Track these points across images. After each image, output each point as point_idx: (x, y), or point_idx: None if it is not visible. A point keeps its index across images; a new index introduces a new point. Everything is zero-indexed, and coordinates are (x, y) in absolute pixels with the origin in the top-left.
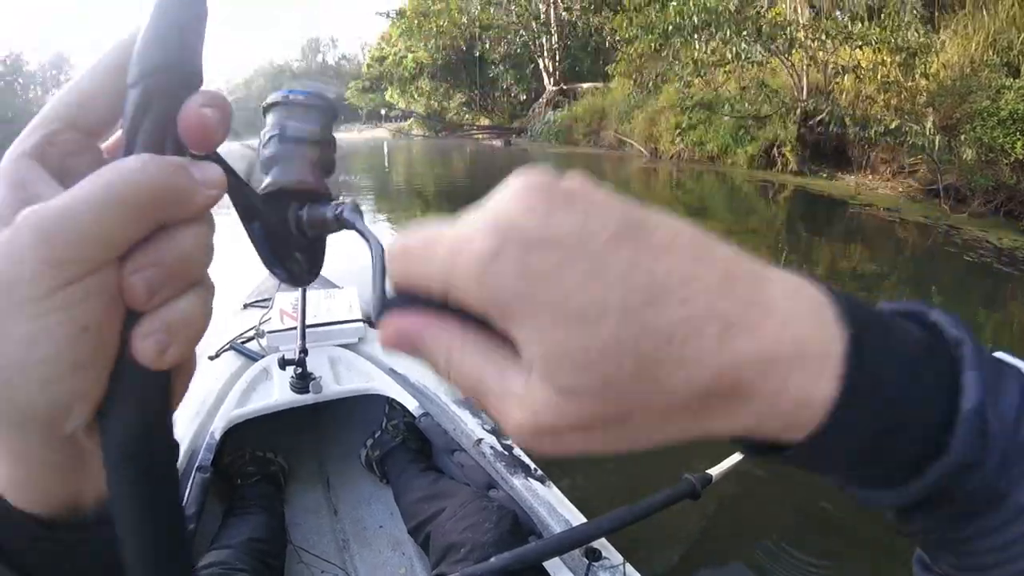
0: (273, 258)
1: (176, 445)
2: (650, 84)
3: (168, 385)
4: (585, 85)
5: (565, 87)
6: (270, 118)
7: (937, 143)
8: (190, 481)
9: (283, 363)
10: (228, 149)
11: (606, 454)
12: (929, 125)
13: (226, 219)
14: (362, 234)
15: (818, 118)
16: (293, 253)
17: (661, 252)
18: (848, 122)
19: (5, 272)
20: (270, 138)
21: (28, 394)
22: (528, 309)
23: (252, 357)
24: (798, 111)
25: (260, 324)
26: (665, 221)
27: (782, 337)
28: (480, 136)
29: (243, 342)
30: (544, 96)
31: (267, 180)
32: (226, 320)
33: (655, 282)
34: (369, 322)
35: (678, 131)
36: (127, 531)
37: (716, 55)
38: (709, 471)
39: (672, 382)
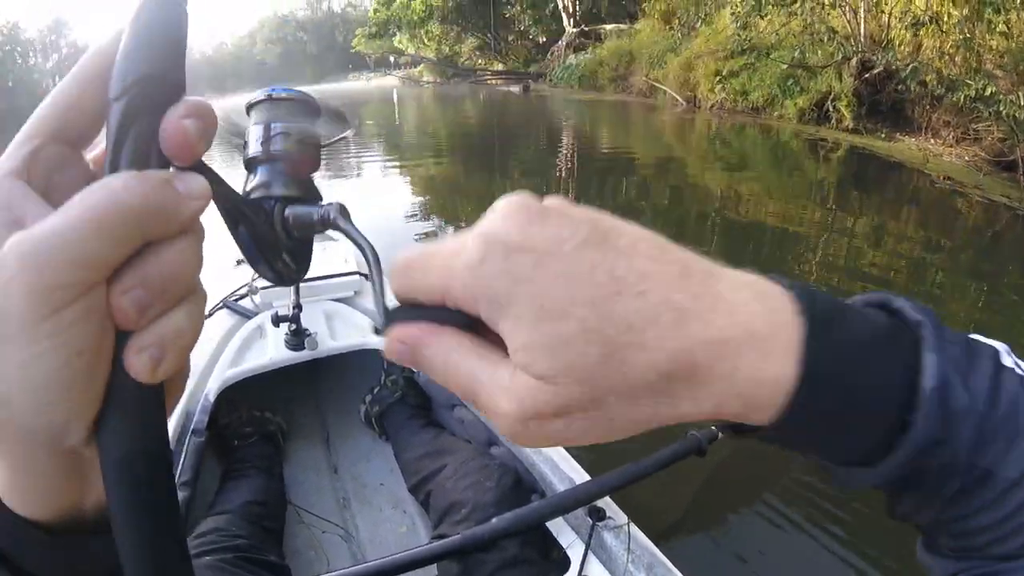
0: (260, 260)
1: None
2: (688, 24)
3: (162, 397)
4: (608, 27)
5: (586, 28)
6: (254, 116)
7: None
8: (185, 446)
9: (277, 320)
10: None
11: (592, 443)
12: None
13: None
14: (350, 236)
15: (877, 71)
16: (280, 254)
17: (622, 254)
18: (933, 82)
19: None
20: (254, 138)
21: (25, 415)
22: (510, 305)
23: (245, 315)
24: (853, 61)
25: (253, 280)
26: (629, 229)
27: (731, 322)
28: (495, 82)
29: (236, 299)
30: (564, 39)
31: (252, 182)
32: (219, 277)
33: (616, 278)
34: (366, 276)
35: (718, 79)
36: (125, 540)
37: None
38: (715, 426)
39: (636, 365)
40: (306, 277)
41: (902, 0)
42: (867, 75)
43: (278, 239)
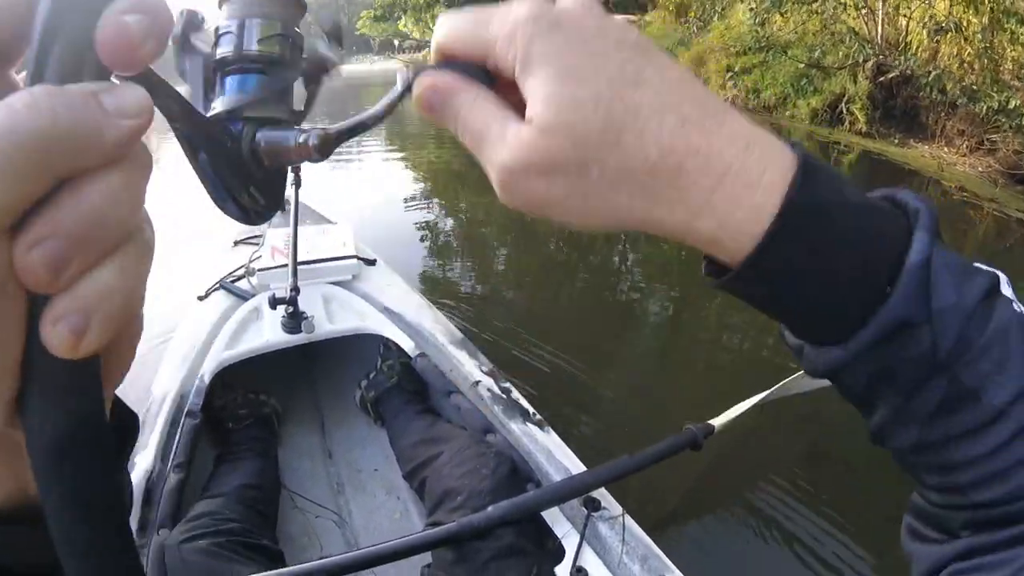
0: (223, 192)
1: (129, 425)
2: (705, 17)
3: (96, 368)
4: (618, 17)
5: None
6: (226, 8)
7: None
8: (180, 428)
9: (274, 302)
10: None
11: (567, 220)
12: None
13: None
14: (342, 142)
15: (892, 75)
16: (247, 187)
17: (656, 65)
18: (955, 91)
19: None
20: (225, 35)
21: None
22: (543, 63)
23: (242, 296)
24: (869, 64)
25: (250, 262)
26: (670, 59)
27: (728, 145)
28: None
29: (233, 281)
30: None
31: (217, 96)
32: (215, 258)
33: (641, 76)
34: (365, 260)
35: (729, 75)
36: (58, 534)
37: None
38: (711, 421)
39: (628, 147)
40: (304, 259)
41: (922, 5)
42: (882, 78)
43: (247, 168)
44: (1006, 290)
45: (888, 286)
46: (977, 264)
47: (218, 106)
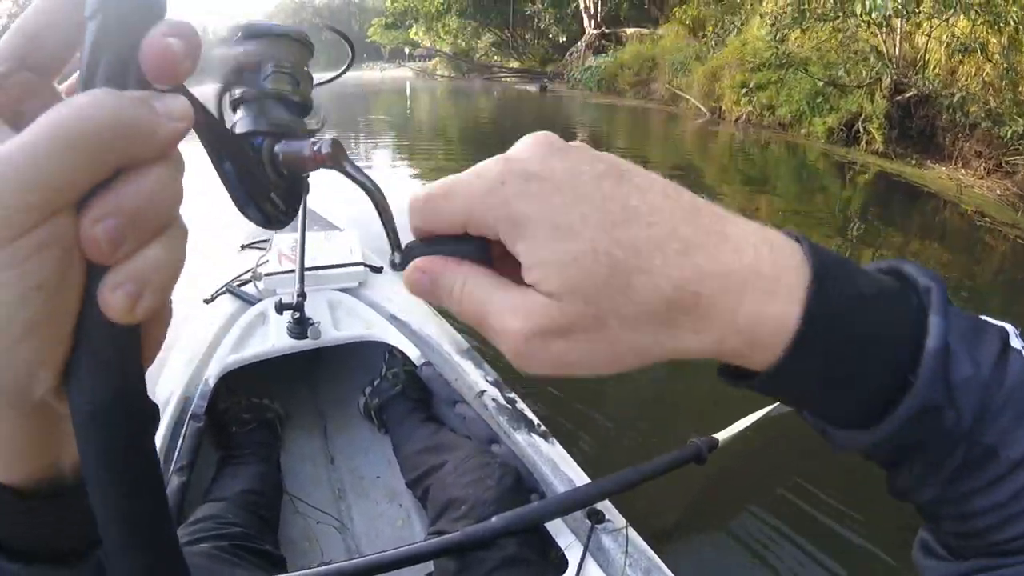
0: (247, 199)
1: (154, 406)
2: (723, 33)
3: (139, 341)
4: (630, 30)
5: (607, 31)
6: (247, 49)
7: None
8: (183, 430)
9: (280, 307)
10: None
11: (591, 373)
12: None
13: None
14: (347, 173)
15: (910, 94)
16: (269, 194)
17: (636, 189)
18: (980, 113)
19: None
20: (246, 73)
21: None
22: (527, 224)
23: (248, 301)
24: (886, 82)
25: (257, 266)
26: (646, 172)
27: (736, 259)
28: (510, 79)
29: (239, 285)
30: (584, 39)
31: (239, 117)
32: (223, 262)
33: (628, 208)
34: (372, 267)
35: (744, 90)
36: (99, 499)
37: (825, 5)
38: (716, 435)
39: (640, 289)
40: (311, 265)
41: (943, 24)
42: (899, 98)
43: (267, 177)
44: (1015, 343)
45: (908, 373)
46: (984, 319)
47: (239, 123)
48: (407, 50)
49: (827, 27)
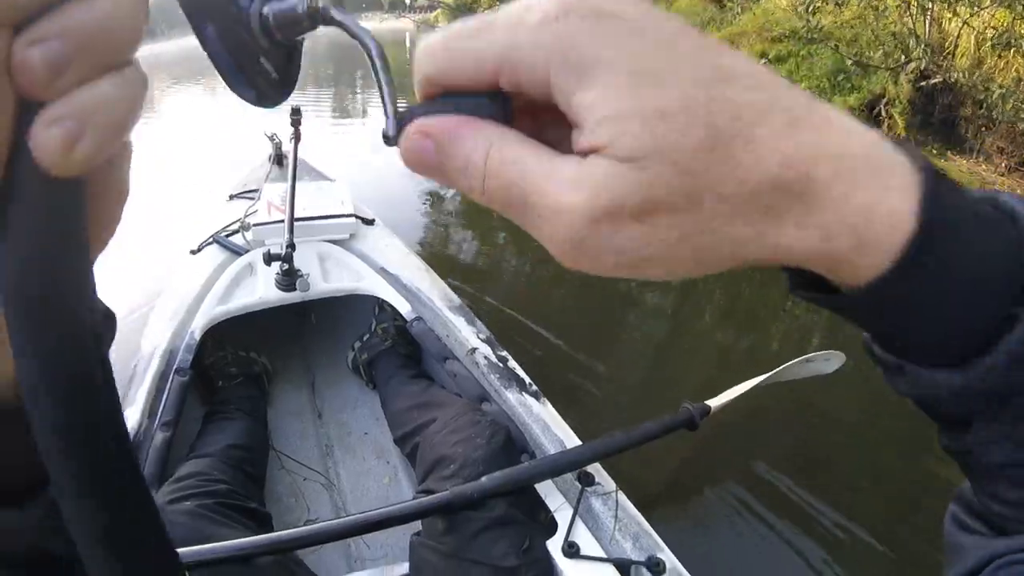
0: (236, 71)
1: (107, 308)
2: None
3: (82, 206)
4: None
5: None
6: None
7: None
8: (168, 385)
9: (268, 258)
10: None
11: (668, 274)
12: None
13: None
14: (346, 28)
15: (935, 81)
16: (259, 60)
17: (726, 52)
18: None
19: None
20: None
21: None
22: (597, 66)
23: (236, 251)
24: (911, 66)
25: (246, 216)
26: (732, 48)
27: (847, 142)
28: None
29: (227, 235)
30: None
31: None
32: (210, 212)
33: (722, 67)
34: (363, 219)
35: (763, 62)
36: (31, 375)
37: None
38: (708, 402)
39: (744, 162)
40: (301, 216)
41: (982, 13)
42: (923, 83)
43: (257, 42)
44: None
45: (1013, 306)
46: None
47: None
48: (408, 1)
49: (860, 2)
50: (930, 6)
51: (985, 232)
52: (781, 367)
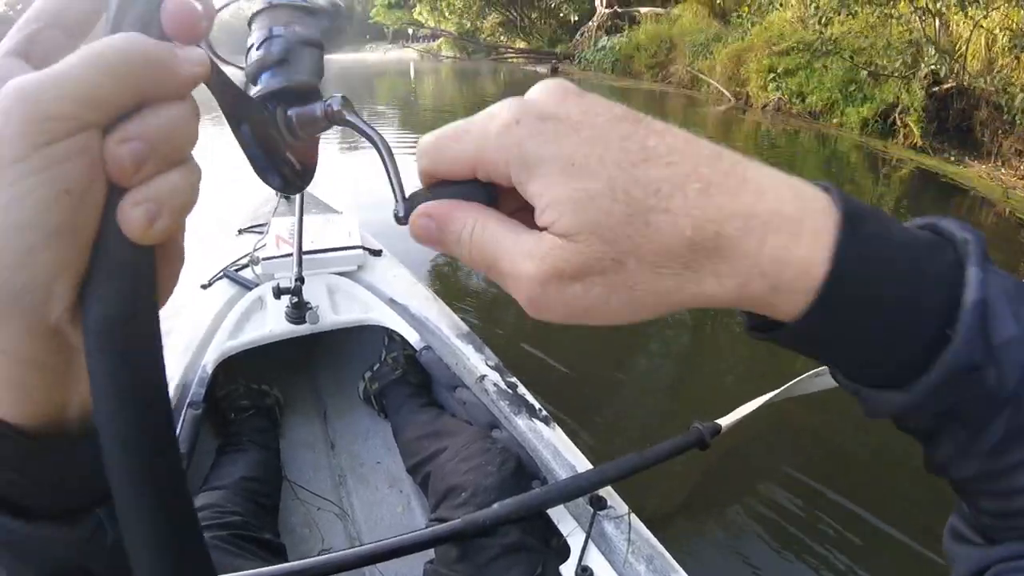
0: (266, 164)
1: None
2: (761, 13)
3: (153, 266)
4: (643, 9)
5: (619, 10)
6: (254, 26)
7: None
8: (181, 418)
9: (278, 292)
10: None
11: (609, 320)
12: None
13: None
14: (357, 128)
15: (947, 86)
16: (285, 155)
17: (654, 132)
18: None
19: None
20: (262, 41)
21: (6, 267)
22: (540, 164)
23: (246, 285)
24: (923, 72)
25: (255, 250)
26: (662, 121)
27: (759, 200)
28: (518, 60)
29: (237, 269)
30: (595, 19)
31: (262, 82)
32: (220, 246)
33: (646, 148)
34: (370, 250)
35: (772, 76)
36: (106, 416)
37: None
38: (718, 421)
39: (660, 228)
40: (309, 249)
41: (998, 14)
42: (935, 89)
43: (283, 139)
44: None
45: (946, 327)
46: None
47: (262, 87)
48: (411, 31)
49: (874, 11)
50: (944, 10)
51: (915, 259)
52: (791, 382)
